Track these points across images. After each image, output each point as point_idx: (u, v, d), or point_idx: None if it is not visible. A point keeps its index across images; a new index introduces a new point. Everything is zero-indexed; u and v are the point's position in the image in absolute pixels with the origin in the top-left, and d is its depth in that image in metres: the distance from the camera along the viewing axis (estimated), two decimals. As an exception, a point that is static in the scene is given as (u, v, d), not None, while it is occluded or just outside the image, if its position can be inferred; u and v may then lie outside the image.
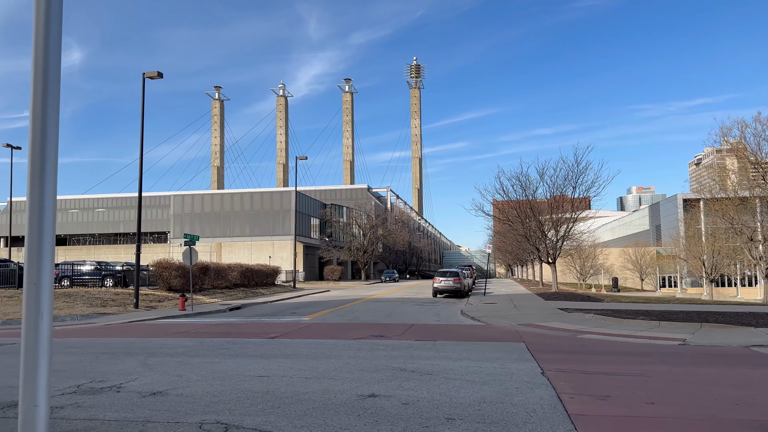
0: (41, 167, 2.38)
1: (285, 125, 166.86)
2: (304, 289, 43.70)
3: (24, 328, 2.38)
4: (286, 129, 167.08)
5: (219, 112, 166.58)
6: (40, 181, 2.38)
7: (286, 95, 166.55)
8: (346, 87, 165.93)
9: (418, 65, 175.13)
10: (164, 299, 26.50)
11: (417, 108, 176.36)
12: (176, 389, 7.69)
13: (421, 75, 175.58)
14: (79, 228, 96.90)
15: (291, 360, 10.30)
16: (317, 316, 21.00)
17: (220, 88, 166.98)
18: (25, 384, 2.33)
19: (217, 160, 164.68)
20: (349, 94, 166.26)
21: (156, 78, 24.12)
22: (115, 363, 10.09)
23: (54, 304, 21.75)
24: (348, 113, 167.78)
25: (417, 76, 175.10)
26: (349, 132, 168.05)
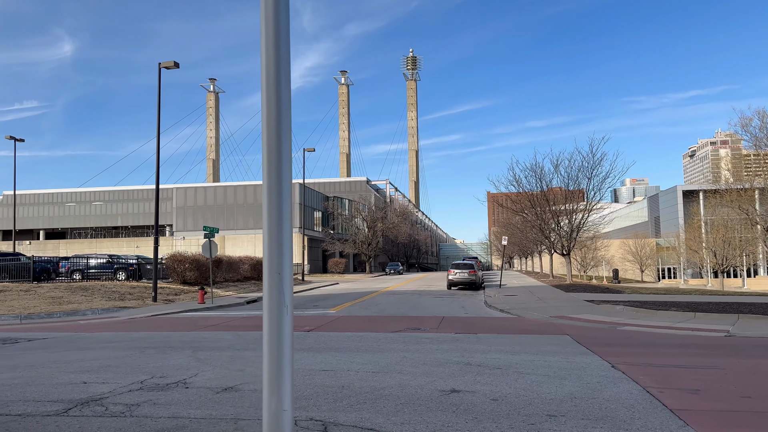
0: (278, 160, 2.15)
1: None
2: (312, 282, 43.47)
3: (266, 324, 2.13)
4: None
5: (214, 105, 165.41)
6: (276, 172, 2.15)
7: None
8: (342, 79, 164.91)
9: (415, 57, 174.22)
10: (180, 292, 26.22)
11: (413, 100, 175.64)
12: (246, 384, 7.45)
13: (418, 67, 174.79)
14: (77, 221, 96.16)
15: (345, 354, 10.06)
16: (341, 309, 20.77)
17: (214, 80, 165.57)
18: (270, 385, 2.08)
19: (212, 153, 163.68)
20: (345, 86, 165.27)
21: (172, 68, 23.75)
22: (164, 358, 9.83)
23: (73, 297, 21.49)
24: (344, 105, 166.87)
25: (413, 68, 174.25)
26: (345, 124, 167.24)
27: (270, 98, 2.14)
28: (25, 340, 13.09)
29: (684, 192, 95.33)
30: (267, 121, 2.15)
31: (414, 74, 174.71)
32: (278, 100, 2.15)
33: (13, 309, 19.35)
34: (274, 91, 2.14)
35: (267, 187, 2.13)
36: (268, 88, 2.15)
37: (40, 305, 20.20)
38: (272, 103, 2.14)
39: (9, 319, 18.07)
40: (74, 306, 20.44)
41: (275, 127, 2.14)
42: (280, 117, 2.15)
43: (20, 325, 16.85)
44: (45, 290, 22.96)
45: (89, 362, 9.42)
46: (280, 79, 2.15)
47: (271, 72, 2.14)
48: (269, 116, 2.14)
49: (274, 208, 2.12)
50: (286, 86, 2.17)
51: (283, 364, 2.09)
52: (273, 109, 2.14)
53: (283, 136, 2.15)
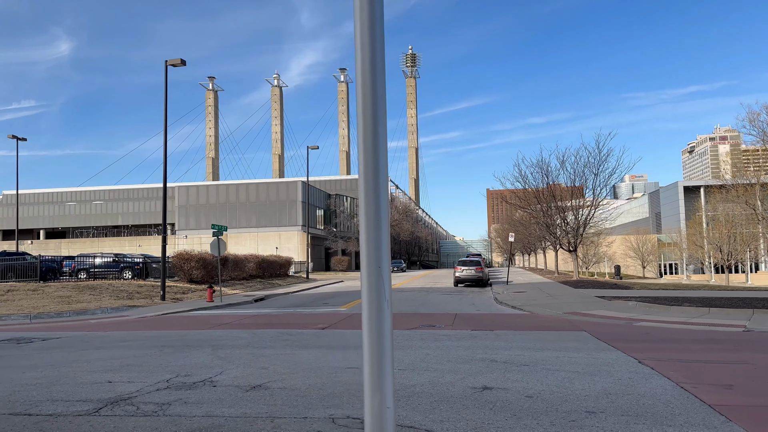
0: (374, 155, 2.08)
1: (280, 116, 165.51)
2: (317, 280, 43.41)
3: (366, 320, 2.06)
4: (281, 119, 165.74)
5: (213, 103, 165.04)
6: (374, 166, 2.08)
7: (280, 85, 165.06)
8: (342, 77, 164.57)
9: (414, 54, 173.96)
10: (188, 291, 26.14)
11: (413, 98, 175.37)
12: (274, 382, 7.38)
13: (417, 64, 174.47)
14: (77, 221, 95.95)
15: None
16: (352, 306, 20.70)
17: (213, 78, 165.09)
18: (372, 382, 2.01)
19: (212, 152, 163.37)
20: (345, 84, 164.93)
21: (179, 65, 23.65)
22: (184, 356, 9.76)
23: (81, 296, 21.42)
24: (343, 103, 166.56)
25: (412, 65, 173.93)
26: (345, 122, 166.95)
27: (366, 92, 2.07)
28: (39, 339, 13.01)
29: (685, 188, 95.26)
30: (363, 117, 2.07)
31: (413, 71, 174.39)
32: (374, 93, 2.07)
33: (23, 309, 19.27)
34: (370, 83, 2.07)
35: (363, 182, 2.06)
36: (364, 82, 2.07)
37: (49, 305, 20.13)
38: (368, 97, 2.07)
39: (19, 319, 18.00)
40: (83, 305, 20.37)
41: (371, 123, 2.06)
42: (377, 111, 2.07)
43: (31, 325, 16.78)
44: (53, 289, 22.88)
45: (110, 361, 9.35)
46: (375, 69, 2.08)
47: (366, 64, 2.07)
48: (365, 111, 2.07)
49: (371, 203, 2.05)
50: (381, 77, 2.09)
51: (384, 360, 2.02)
52: (369, 103, 2.07)
53: (380, 130, 2.08)
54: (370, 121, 2.07)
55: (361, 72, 2.09)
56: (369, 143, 2.07)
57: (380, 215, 2.05)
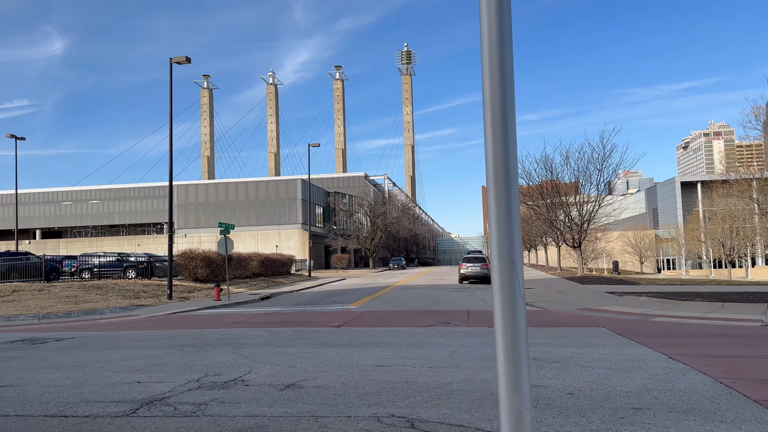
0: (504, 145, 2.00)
1: (275, 114, 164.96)
2: (319, 278, 43.31)
3: (500, 317, 1.97)
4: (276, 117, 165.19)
5: (208, 101, 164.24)
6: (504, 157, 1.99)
7: (276, 83, 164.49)
8: (337, 74, 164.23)
9: (409, 51, 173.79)
10: (194, 290, 26.02)
11: (409, 95, 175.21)
12: (307, 381, 7.29)
13: (412, 61, 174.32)
14: (73, 220, 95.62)
15: (389, 349, 9.92)
16: (362, 304, 20.62)
17: (208, 76, 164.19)
18: (509, 382, 1.93)
19: (207, 150, 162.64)
20: (340, 82, 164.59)
21: (184, 63, 23.51)
22: (207, 355, 9.66)
23: (88, 296, 21.28)
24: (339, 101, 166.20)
25: (408, 63, 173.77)
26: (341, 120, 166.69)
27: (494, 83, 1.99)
28: (53, 339, 12.90)
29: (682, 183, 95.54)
30: (491, 108, 1.99)
31: (409, 69, 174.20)
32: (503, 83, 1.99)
33: (30, 309, 19.13)
34: (498, 67, 1.99)
35: (493, 173, 1.98)
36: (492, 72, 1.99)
37: (57, 305, 19.98)
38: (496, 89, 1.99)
39: (28, 319, 17.86)
40: (91, 305, 20.23)
41: (500, 114, 1.98)
42: (506, 103, 1.99)
43: (40, 325, 16.65)
44: (59, 289, 22.73)
45: (133, 361, 9.24)
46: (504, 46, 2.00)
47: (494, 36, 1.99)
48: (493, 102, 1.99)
49: (501, 196, 1.97)
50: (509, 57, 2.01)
51: (521, 359, 1.94)
52: (498, 94, 1.99)
53: (509, 121, 2.00)
54: (499, 113, 1.99)
55: (488, 59, 2.00)
56: (498, 134, 1.99)
57: (511, 208, 1.98)
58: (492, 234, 2.00)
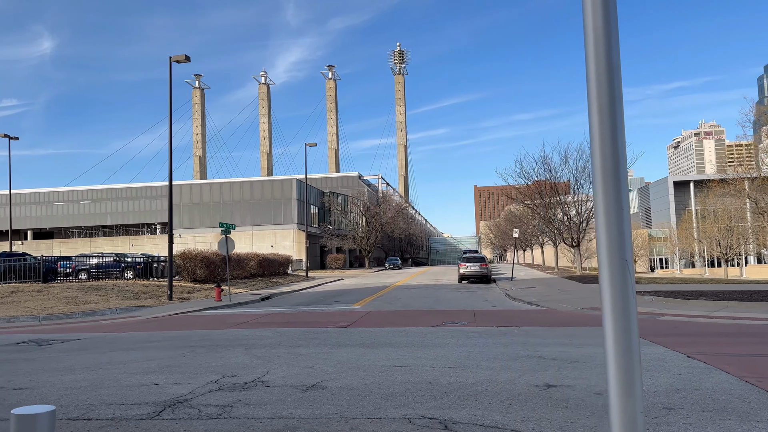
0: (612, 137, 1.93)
1: (268, 113, 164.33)
2: (316, 278, 43.17)
3: (610, 316, 1.91)
4: (269, 117, 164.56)
5: (200, 101, 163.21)
6: (612, 149, 1.93)
7: (268, 83, 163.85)
8: (330, 74, 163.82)
9: (402, 51, 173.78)
10: (193, 290, 25.84)
11: (401, 95, 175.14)
12: (328, 381, 7.21)
13: (405, 61, 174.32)
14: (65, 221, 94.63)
15: (404, 349, 9.85)
16: (365, 304, 20.53)
17: (200, 76, 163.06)
18: (622, 386, 1.87)
19: (199, 150, 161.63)
20: (333, 81, 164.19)
21: (183, 62, 23.34)
22: (220, 356, 9.55)
23: (87, 297, 21.08)
24: (332, 100, 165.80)
25: (401, 62, 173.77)
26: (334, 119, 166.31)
27: (600, 73, 1.92)
28: (59, 341, 12.73)
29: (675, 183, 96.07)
30: (597, 98, 1.92)
31: (401, 68, 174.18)
32: (610, 73, 1.92)
33: (31, 310, 18.91)
34: (604, 59, 1.92)
35: (601, 168, 1.91)
36: (597, 58, 1.92)
37: (57, 306, 19.77)
38: (603, 77, 1.92)
39: (28, 320, 17.66)
40: (91, 306, 20.03)
41: (608, 105, 1.91)
42: (613, 91, 1.92)
43: (41, 327, 16.45)
44: (58, 290, 22.50)
45: (145, 363, 9.12)
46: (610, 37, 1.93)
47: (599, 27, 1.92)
48: (599, 93, 1.92)
49: (611, 190, 1.90)
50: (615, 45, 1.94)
51: (633, 361, 1.87)
52: (604, 83, 1.92)
53: (617, 114, 1.93)
54: (607, 108, 1.92)
55: (593, 52, 1.93)
56: (606, 131, 1.92)
57: (621, 204, 1.91)
58: (600, 231, 1.93)
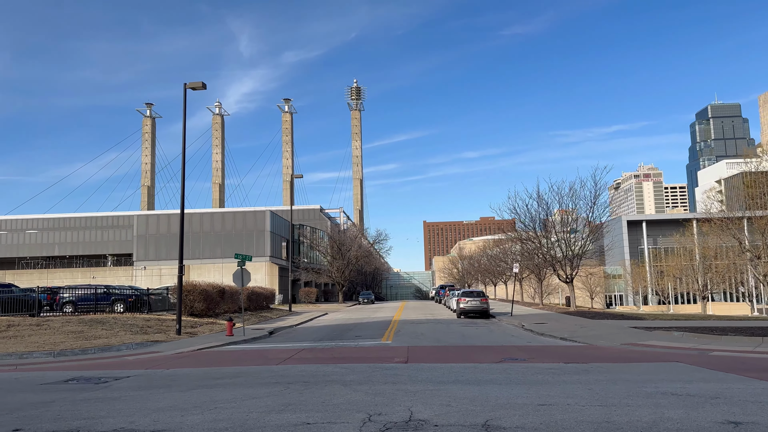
0: None
1: (221, 144, 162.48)
2: (301, 312, 42.16)
3: None
4: (222, 148, 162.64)
5: (150, 130, 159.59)
6: None
7: (222, 113, 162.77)
8: (286, 107, 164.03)
9: (359, 87, 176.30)
10: (196, 324, 24.72)
11: (358, 129, 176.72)
12: (495, 420, 6.91)
13: (362, 97, 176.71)
14: (8, 251, 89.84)
15: (520, 387, 9.58)
16: (392, 339, 20.07)
17: (151, 105, 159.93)
18: None
19: (147, 180, 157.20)
20: (289, 114, 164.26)
21: (200, 89, 22.84)
22: (328, 393, 9.08)
23: (93, 332, 19.91)
24: (288, 133, 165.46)
25: (357, 98, 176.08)
26: (289, 152, 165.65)
27: None
28: (110, 378, 11.90)
29: (628, 222, 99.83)
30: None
31: (358, 104, 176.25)
32: None
33: (41, 345, 17.63)
34: None
35: None
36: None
37: (66, 341, 18.50)
38: None
39: (42, 356, 16.44)
40: (103, 341, 18.84)
41: None
42: None
43: (62, 363, 15.31)
44: (59, 324, 21.09)
45: (255, 400, 8.57)
46: None
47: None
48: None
49: None
50: None
51: None
52: None
53: None
54: None
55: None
56: None
57: None
58: None
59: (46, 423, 7.46)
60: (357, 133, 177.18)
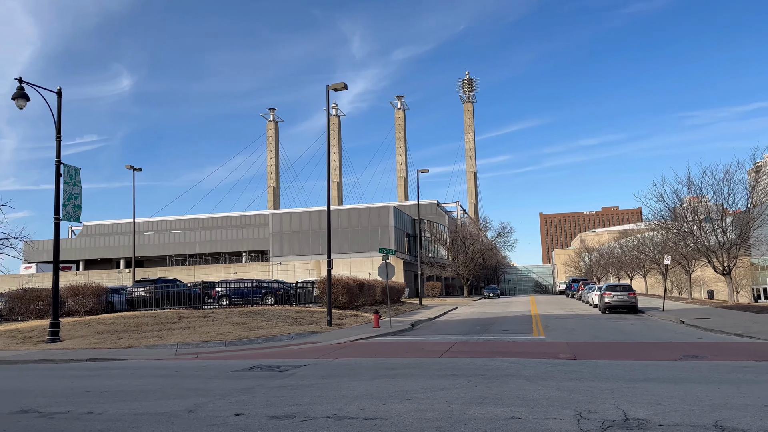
0: None
1: (338, 144, 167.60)
2: (431, 306, 42.40)
3: None
4: (339, 148, 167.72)
5: (274, 133, 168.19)
6: None
7: (338, 114, 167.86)
8: (398, 104, 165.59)
9: (471, 79, 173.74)
10: (342, 317, 25.63)
11: (470, 122, 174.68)
12: (723, 422, 6.37)
13: (474, 89, 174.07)
14: (155, 250, 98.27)
15: (723, 386, 8.89)
16: (544, 334, 19.52)
17: (274, 110, 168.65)
18: None
19: (272, 181, 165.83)
20: (402, 111, 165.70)
21: (341, 89, 23.53)
22: (516, 388, 8.89)
23: (254, 323, 21.14)
24: (401, 130, 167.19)
25: (470, 90, 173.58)
26: (402, 148, 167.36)
27: None
28: (289, 366, 12.56)
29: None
30: None
31: (470, 96, 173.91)
32: None
33: (212, 335, 19.10)
34: None
35: None
36: None
37: (233, 331, 19.91)
38: None
39: (216, 346, 17.77)
40: (265, 332, 20.05)
41: None
42: None
43: (234, 352, 16.43)
44: (222, 316, 22.79)
45: (444, 392, 8.58)
46: None
47: None
48: None
49: None
50: None
51: None
52: None
53: None
54: None
55: None
56: None
57: None
58: None
59: (261, 408, 7.96)
60: (470, 126, 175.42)
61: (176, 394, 9.45)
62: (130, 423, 7.25)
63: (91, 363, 14.93)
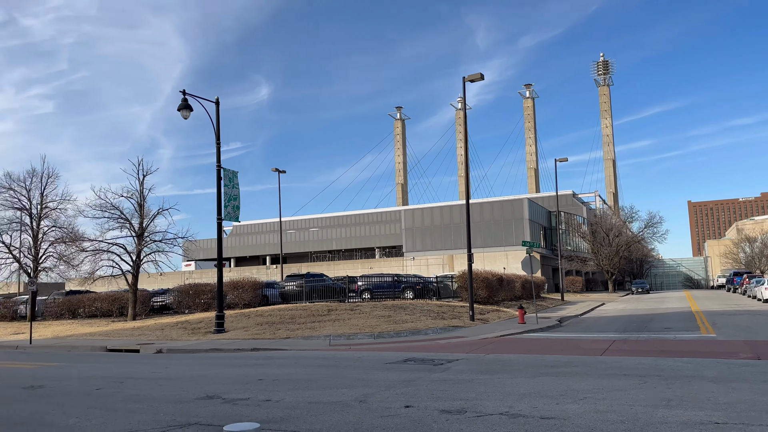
0: None
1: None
2: (575, 302, 40.52)
3: None
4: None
5: (401, 131, 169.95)
6: None
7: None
8: (527, 93, 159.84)
9: (606, 61, 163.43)
10: (483, 312, 25.26)
11: (607, 107, 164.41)
12: None
13: (610, 71, 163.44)
14: (297, 247, 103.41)
15: None
16: (715, 332, 17.77)
17: (401, 108, 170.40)
18: None
19: (400, 178, 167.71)
20: (531, 100, 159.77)
21: (478, 80, 23.25)
22: (696, 390, 8.09)
23: (398, 316, 21.35)
24: (530, 119, 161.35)
25: (605, 73, 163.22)
26: (532, 138, 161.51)
27: None
28: (443, 360, 12.51)
29: None
30: None
31: (606, 79, 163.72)
32: None
33: (361, 328, 19.67)
34: None
35: None
36: None
37: (380, 324, 20.37)
38: None
39: (365, 338, 18.25)
40: (409, 325, 20.29)
41: None
42: None
43: (383, 345, 16.72)
44: (368, 309, 23.44)
45: (618, 392, 7.99)
46: None
47: None
48: None
49: None
50: None
51: None
52: None
53: None
54: None
55: None
56: None
57: None
58: None
59: (429, 401, 7.95)
60: (606, 111, 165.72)
61: (342, 383, 9.77)
62: (307, 411, 7.57)
63: (255, 353, 16.00)
